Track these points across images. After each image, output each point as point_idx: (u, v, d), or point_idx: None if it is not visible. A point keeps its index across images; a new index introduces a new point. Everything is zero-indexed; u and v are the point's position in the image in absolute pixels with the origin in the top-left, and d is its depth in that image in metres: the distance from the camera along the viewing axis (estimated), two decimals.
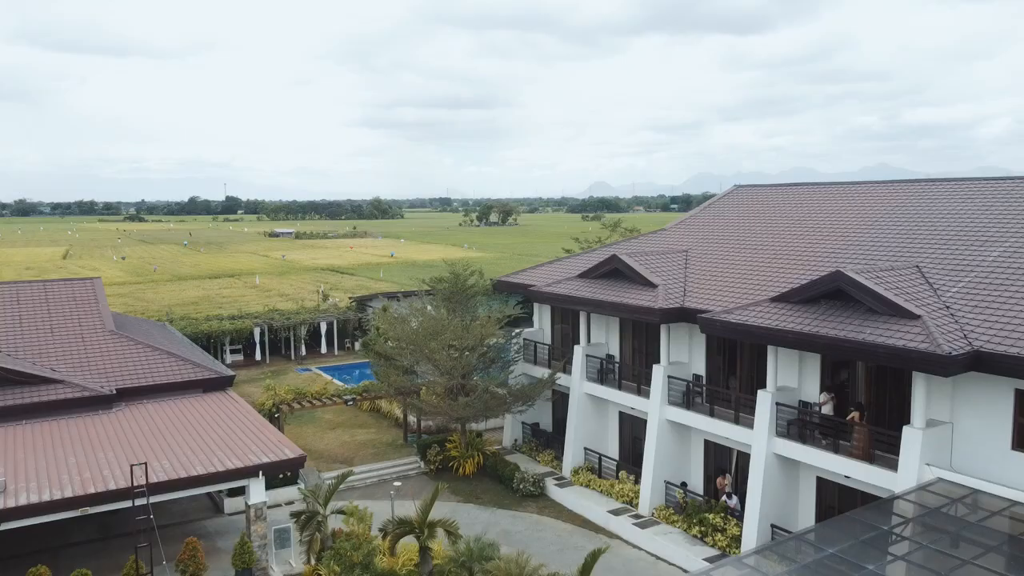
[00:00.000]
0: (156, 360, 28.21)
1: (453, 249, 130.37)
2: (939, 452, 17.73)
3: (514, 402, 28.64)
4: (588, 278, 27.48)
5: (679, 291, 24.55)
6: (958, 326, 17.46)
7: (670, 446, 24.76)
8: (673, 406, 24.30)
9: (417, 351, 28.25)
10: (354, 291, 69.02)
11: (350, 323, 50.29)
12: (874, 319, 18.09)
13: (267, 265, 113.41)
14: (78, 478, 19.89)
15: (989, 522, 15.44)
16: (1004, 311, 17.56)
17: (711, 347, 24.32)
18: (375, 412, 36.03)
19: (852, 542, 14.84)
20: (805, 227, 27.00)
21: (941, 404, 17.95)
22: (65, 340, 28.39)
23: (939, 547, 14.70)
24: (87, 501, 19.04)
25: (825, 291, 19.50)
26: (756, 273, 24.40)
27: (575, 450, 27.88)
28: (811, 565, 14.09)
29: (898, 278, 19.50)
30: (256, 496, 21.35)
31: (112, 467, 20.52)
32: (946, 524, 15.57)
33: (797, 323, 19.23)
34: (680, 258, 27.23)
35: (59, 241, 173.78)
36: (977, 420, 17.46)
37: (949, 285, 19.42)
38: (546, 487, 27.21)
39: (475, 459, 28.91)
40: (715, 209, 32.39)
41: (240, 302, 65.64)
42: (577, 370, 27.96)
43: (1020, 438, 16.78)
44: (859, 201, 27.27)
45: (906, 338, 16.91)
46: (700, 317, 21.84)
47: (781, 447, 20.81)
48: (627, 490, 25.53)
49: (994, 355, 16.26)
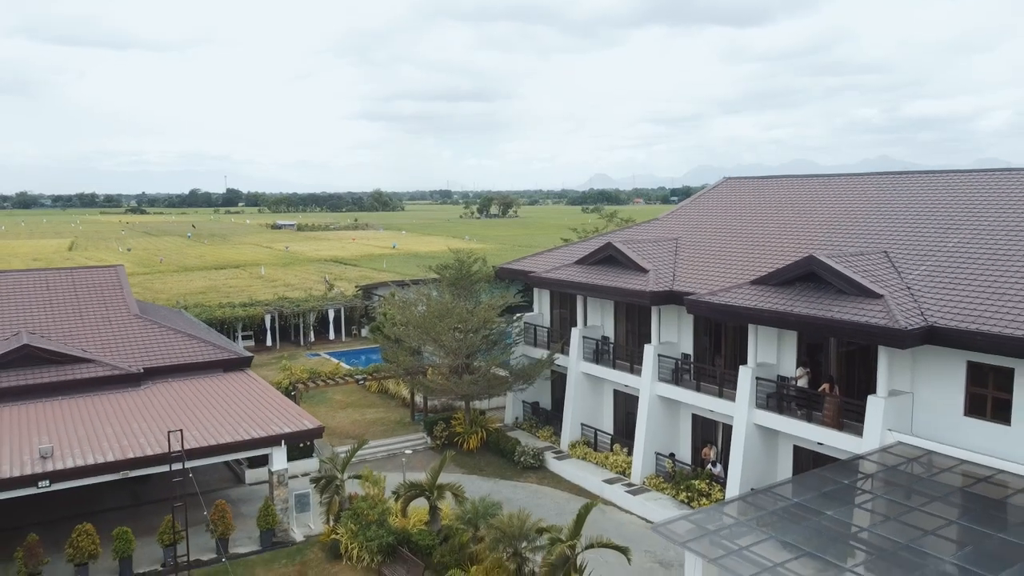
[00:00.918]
0: (179, 342, 30.05)
1: (454, 241, 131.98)
2: (900, 418, 19.61)
3: (515, 381, 30.53)
4: (585, 264, 29.32)
5: (669, 276, 26.40)
6: (916, 304, 19.31)
7: (660, 420, 26.64)
8: (663, 382, 26.19)
9: (424, 333, 30.10)
10: (358, 281, 70.81)
11: (357, 310, 52.19)
12: (842, 299, 19.94)
13: (271, 256, 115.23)
14: (117, 445, 21.77)
15: (939, 477, 17.31)
16: (958, 291, 19.41)
17: (698, 328, 26.18)
18: (383, 393, 37.93)
19: (816, 494, 16.74)
20: (788, 216, 28.83)
21: (903, 376, 19.81)
22: (93, 323, 30.22)
23: (893, 497, 16.61)
24: (127, 465, 20.94)
25: (799, 274, 21.35)
26: (740, 259, 26.24)
27: (572, 425, 29.79)
28: (778, 511, 15.99)
29: (866, 262, 21.34)
30: (278, 463, 23.26)
31: (147, 436, 22.39)
32: (901, 479, 17.46)
33: (773, 303, 21.09)
34: (671, 245, 29.06)
35: (63, 233, 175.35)
36: (934, 390, 19.33)
37: (912, 268, 21.27)
38: (545, 460, 29.10)
39: (479, 435, 30.79)
40: (705, 200, 34.21)
41: (247, 292, 67.45)
42: (574, 351, 29.84)
43: (971, 405, 18.65)
44: (838, 192, 29.09)
45: (869, 315, 18.77)
46: (687, 299, 23.70)
47: (761, 418, 22.69)
48: (620, 461, 27.43)
49: (946, 329, 18.12)
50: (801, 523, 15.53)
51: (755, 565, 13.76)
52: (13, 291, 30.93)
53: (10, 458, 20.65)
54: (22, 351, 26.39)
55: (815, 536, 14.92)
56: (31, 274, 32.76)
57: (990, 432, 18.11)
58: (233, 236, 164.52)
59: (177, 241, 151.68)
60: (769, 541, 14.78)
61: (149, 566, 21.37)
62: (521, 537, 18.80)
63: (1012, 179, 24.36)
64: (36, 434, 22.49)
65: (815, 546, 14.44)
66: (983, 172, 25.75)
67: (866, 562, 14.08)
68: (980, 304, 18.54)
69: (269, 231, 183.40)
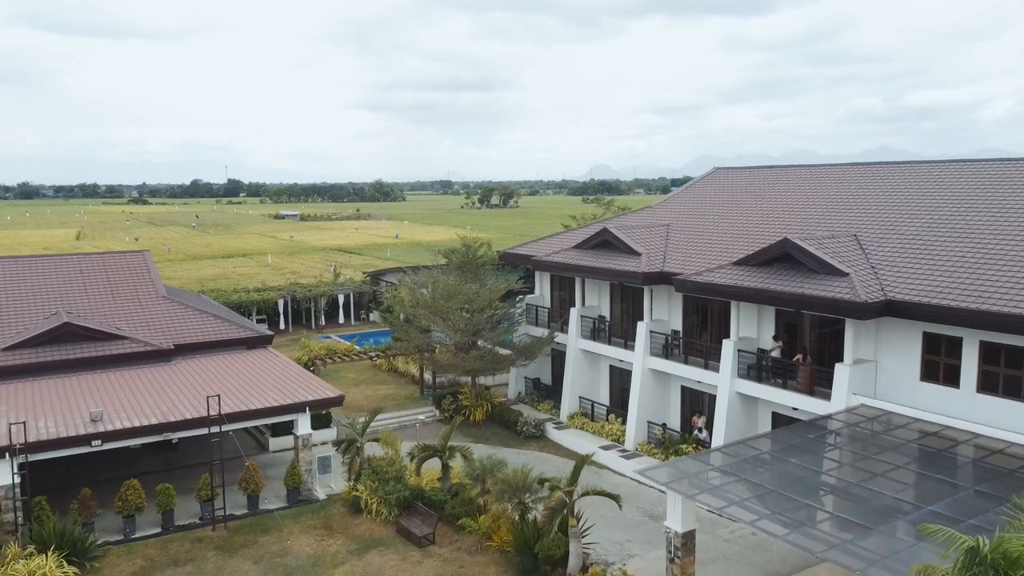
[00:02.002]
0: (204, 321, 32.31)
1: (456, 230, 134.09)
2: (865, 384, 21.87)
3: (518, 358, 32.82)
4: (582, 249, 31.55)
5: (660, 258, 28.62)
6: (878, 281, 21.54)
7: (652, 391, 28.92)
8: (654, 357, 28.46)
9: (433, 313, 32.35)
10: (363, 269, 73.06)
11: (365, 295, 54.46)
12: (813, 277, 22.18)
13: (276, 245, 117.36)
14: (158, 410, 24.07)
15: (894, 432, 19.58)
16: (916, 269, 21.64)
17: (687, 306, 28.42)
18: (393, 372, 40.21)
19: (784, 446, 19.03)
20: (770, 203, 31.03)
21: (867, 346, 22.06)
22: (125, 304, 32.45)
23: (850, 448, 18.90)
24: (169, 427, 23.24)
25: (776, 255, 23.58)
26: (726, 242, 28.44)
27: (571, 398, 32.09)
28: (750, 460, 18.28)
29: (836, 244, 23.57)
30: (303, 428, 25.56)
31: (184, 403, 24.67)
32: (860, 435, 19.74)
33: (752, 281, 23.33)
34: (662, 231, 31.26)
35: (68, 223, 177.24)
36: (895, 358, 21.58)
37: (878, 249, 23.49)
38: (546, 430, 31.41)
39: (484, 408, 33.08)
40: (696, 189, 36.40)
41: (256, 279, 69.63)
42: (573, 329, 32.10)
43: (926, 371, 20.91)
44: (817, 181, 31.30)
45: (835, 291, 21.01)
46: (675, 279, 25.94)
47: (742, 386, 24.97)
48: (615, 430, 29.74)
49: (903, 303, 20.37)
50: (769, 469, 17.83)
51: (724, 500, 16.06)
52: (50, 274, 33.15)
53: (64, 422, 22.94)
54: (62, 329, 28.64)
55: (779, 478, 17.21)
56: (65, 258, 35.00)
57: (941, 394, 20.38)
58: (237, 226, 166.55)
59: (182, 231, 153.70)
60: (740, 483, 17.07)
61: (188, 520, 23.67)
62: (524, 489, 21.11)
63: (970, 169, 26.61)
64: (82, 402, 24.76)
65: (778, 485, 16.73)
66: (946, 163, 27.97)
67: (821, 497, 16.36)
68: (934, 280, 20.77)
69: (273, 221, 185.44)
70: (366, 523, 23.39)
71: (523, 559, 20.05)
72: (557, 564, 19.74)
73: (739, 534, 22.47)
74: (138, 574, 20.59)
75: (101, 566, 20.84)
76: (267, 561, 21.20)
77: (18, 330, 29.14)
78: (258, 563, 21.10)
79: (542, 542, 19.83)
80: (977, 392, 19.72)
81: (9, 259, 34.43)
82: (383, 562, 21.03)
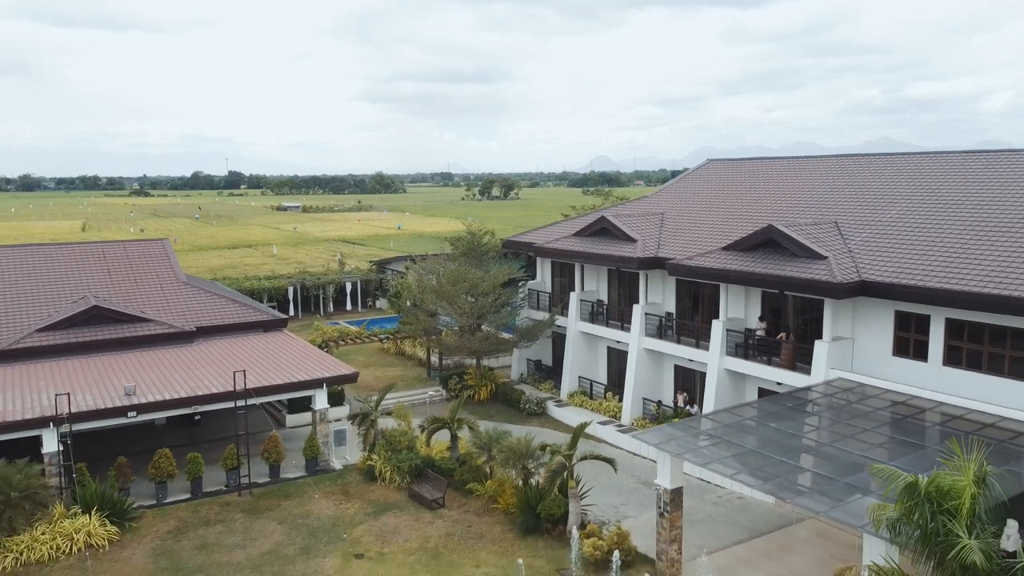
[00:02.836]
0: (223, 305, 34.08)
1: (457, 222, 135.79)
2: (842, 359, 23.66)
3: (520, 340, 34.61)
4: (581, 236, 33.30)
5: (654, 244, 30.37)
6: (854, 264, 23.30)
7: (647, 370, 30.72)
8: (649, 337, 30.23)
9: (440, 297, 34.12)
10: (367, 259, 74.78)
11: (372, 283, 56.27)
12: (795, 260, 23.93)
13: (280, 237, 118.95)
14: (186, 386, 25.87)
15: (866, 402, 21.37)
16: (890, 253, 23.40)
17: (680, 290, 30.18)
18: (400, 355, 42.01)
19: (764, 413, 20.83)
20: (759, 193, 32.76)
21: (844, 324, 23.83)
22: (147, 289, 34.21)
23: (825, 416, 20.70)
24: (198, 401, 25.05)
25: (761, 241, 25.33)
26: (716, 230, 30.17)
27: (571, 378, 33.90)
28: (733, 425, 20.07)
29: (818, 230, 25.31)
30: (320, 403, 27.38)
31: (210, 379, 26.47)
32: (835, 404, 21.54)
33: (739, 265, 25.09)
34: (657, 219, 33.00)
35: (72, 215, 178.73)
36: (869, 335, 23.36)
37: (856, 235, 25.24)
38: (547, 407, 33.23)
39: (488, 388, 34.88)
40: (689, 180, 38.14)
41: (263, 269, 71.31)
42: (573, 312, 33.89)
43: (898, 346, 22.69)
44: (804, 172, 33.04)
45: (814, 272, 22.77)
46: (668, 263, 27.69)
47: (730, 363, 26.76)
48: (612, 407, 31.55)
49: (875, 283, 22.14)
50: (750, 432, 19.64)
51: (707, 458, 17.86)
52: (75, 261, 34.89)
53: (101, 395, 24.74)
54: (92, 312, 30.40)
55: (758, 440, 19.02)
56: (89, 246, 36.74)
57: (911, 367, 22.16)
58: (240, 217, 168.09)
59: (186, 222, 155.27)
60: (723, 444, 18.87)
61: (214, 487, 25.48)
62: (527, 455, 22.94)
63: (945, 160, 28.36)
64: (114, 379, 26.53)
65: (757, 446, 18.53)
66: (922, 154, 29.71)
67: (796, 456, 18.15)
68: (906, 262, 22.53)
69: (275, 213, 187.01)
70: (380, 489, 25.22)
71: (526, 518, 21.87)
72: (557, 522, 21.56)
73: (725, 499, 24.35)
74: (173, 533, 22.41)
75: (138, 526, 22.67)
76: (291, 522, 23.03)
77: (49, 313, 30.91)
78: (283, 523, 22.93)
79: (543, 503, 21.65)
80: (943, 365, 21.49)
81: (36, 247, 36.22)
82: (398, 522, 22.86)
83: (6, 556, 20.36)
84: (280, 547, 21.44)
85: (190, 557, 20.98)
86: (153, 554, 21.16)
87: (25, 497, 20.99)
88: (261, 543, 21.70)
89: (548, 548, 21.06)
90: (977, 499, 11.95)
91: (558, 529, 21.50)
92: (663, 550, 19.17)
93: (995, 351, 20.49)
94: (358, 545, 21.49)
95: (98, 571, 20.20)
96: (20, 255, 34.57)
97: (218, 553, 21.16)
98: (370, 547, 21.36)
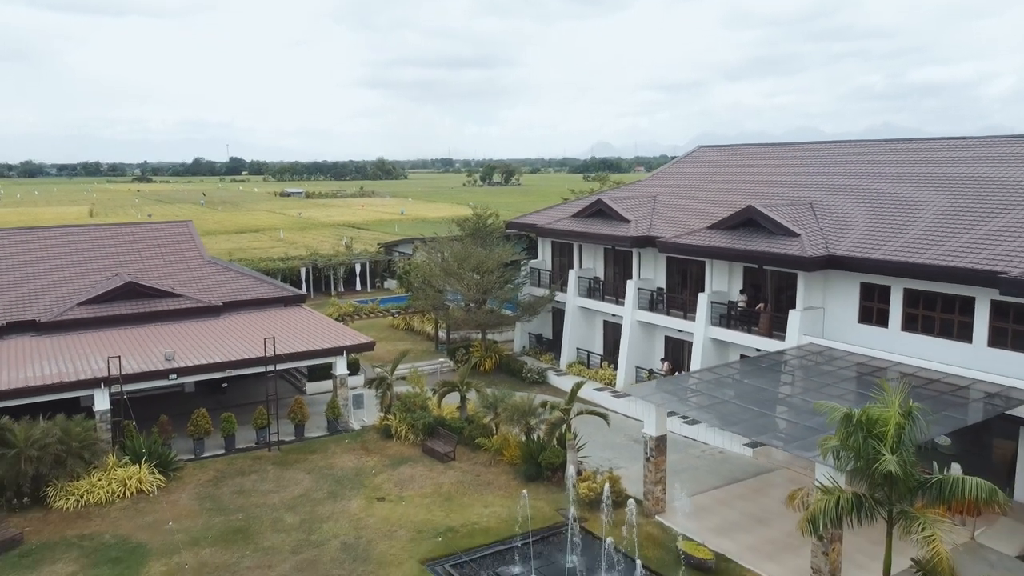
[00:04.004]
0: (245, 282, 36.65)
1: (460, 207, 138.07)
2: (814, 326, 26.23)
3: (522, 314, 37.20)
4: (579, 217, 35.82)
5: (647, 224, 32.89)
6: (824, 240, 25.83)
7: (639, 341, 33.33)
8: (641, 310, 32.82)
9: (448, 275, 36.68)
10: (372, 244, 77.28)
11: (380, 264, 58.86)
12: (771, 237, 26.46)
13: (286, 222, 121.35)
14: (220, 352, 28.47)
15: (832, 363, 23.95)
16: (857, 230, 25.93)
17: (670, 266, 32.72)
18: (410, 330, 44.63)
19: (739, 372, 23.44)
20: (745, 177, 35.24)
21: (816, 295, 26.39)
22: (175, 267, 36.76)
23: (795, 375, 23.30)
24: (232, 365, 27.64)
25: (742, 220, 27.85)
26: (704, 211, 32.67)
27: (569, 349, 36.54)
28: (712, 381, 22.70)
29: (794, 211, 27.82)
30: (341, 369, 29.99)
31: (240, 346, 29.06)
32: (804, 364, 24.13)
33: (722, 242, 27.63)
34: (650, 201, 35.50)
35: (78, 201, 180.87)
36: (838, 304, 25.93)
37: (828, 214, 27.75)
38: (547, 376, 35.87)
39: (492, 359, 37.50)
40: (681, 165, 40.62)
41: (272, 252, 73.81)
42: (571, 289, 36.47)
43: (862, 314, 25.26)
44: (787, 157, 35.49)
45: (787, 248, 25.31)
46: (658, 241, 30.22)
47: (714, 332, 29.35)
48: (607, 375, 34.19)
49: (841, 257, 24.69)
50: (727, 387, 22.26)
51: (688, 407, 20.46)
52: (108, 241, 37.43)
53: (143, 361, 27.34)
54: (127, 287, 32.98)
55: (734, 393, 21.63)
56: (119, 227, 39.29)
57: (874, 333, 24.74)
58: (244, 203, 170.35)
59: (192, 208, 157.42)
60: (702, 396, 21.49)
61: (245, 444, 28.13)
62: (529, 413, 25.59)
63: (913, 147, 30.84)
64: (152, 347, 29.10)
65: (731, 398, 21.15)
66: (893, 141, 32.22)
67: (764, 405, 20.75)
68: (870, 239, 25.07)
69: (278, 198, 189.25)
70: (396, 445, 27.89)
71: (528, 468, 24.53)
72: (556, 470, 24.22)
73: (708, 453, 27.02)
74: (212, 481, 25.09)
75: (181, 476, 25.34)
76: (317, 472, 25.69)
77: (87, 289, 33.47)
78: (310, 473, 25.60)
79: (544, 453, 24.31)
80: (901, 331, 24.09)
81: (71, 228, 38.77)
82: (413, 472, 25.53)
83: (69, 498, 23.05)
84: (310, 492, 24.12)
85: (231, 500, 23.66)
86: (198, 497, 23.84)
87: (84, 447, 23.64)
88: (292, 489, 24.38)
89: (548, 492, 23.72)
90: (903, 428, 14.50)
91: (557, 476, 24.16)
92: (649, 490, 21.84)
93: (945, 317, 23.06)
94: (379, 490, 24.17)
95: (151, 511, 22.89)
96: (57, 236, 37.11)
97: (255, 497, 23.84)
98: (390, 492, 24.04)
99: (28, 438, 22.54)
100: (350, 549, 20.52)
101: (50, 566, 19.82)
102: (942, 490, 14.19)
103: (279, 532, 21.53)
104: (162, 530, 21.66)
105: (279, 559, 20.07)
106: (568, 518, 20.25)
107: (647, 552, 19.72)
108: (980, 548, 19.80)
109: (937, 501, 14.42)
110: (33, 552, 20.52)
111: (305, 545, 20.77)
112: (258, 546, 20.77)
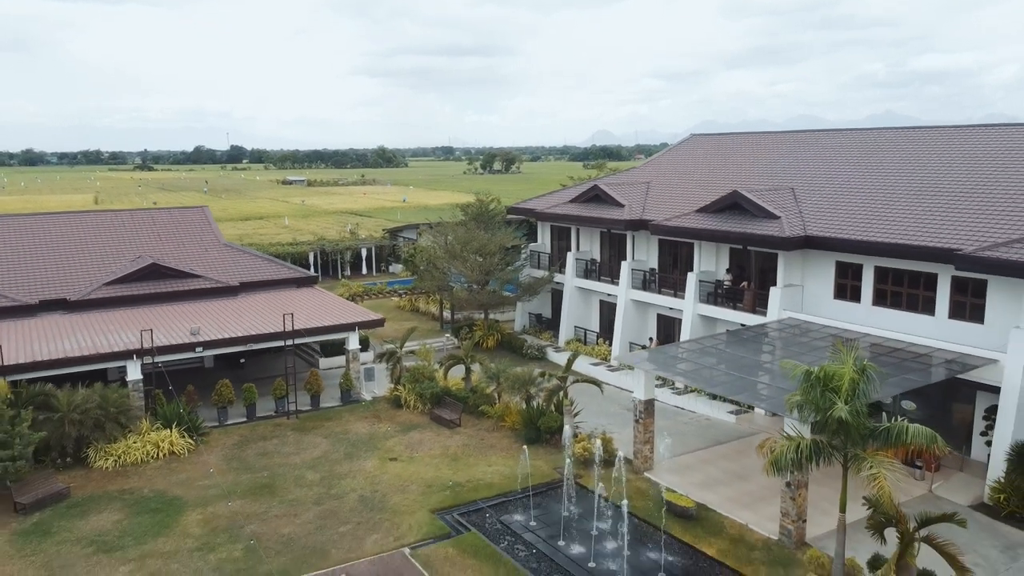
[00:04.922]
0: (260, 264, 38.69)
1: (461, 195, 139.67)
2: (793, 302, 28.29)
3: (523, 294, 39.25)
4: (577, 202, 37.81)
5: (640, 208, 34.89)
6: (802, 222, 27.85)
7: (633, 318, 35.40)
8: (635, 290, 34.88)
9: (452, 257, 38.70)
10: (376, 230, 79.18)
11: (385, 249, 60.89)
12: (754, 220, 28.47)
13: (289, 209, 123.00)
14: (240, 327, 30.53)
15: (808, 335, 26.02)
16: (833, 213, 27.94)
17: (661, 248, 34.75)
18: (415, 311, 46.70)
19: (722, 343, 25.51)
20: (734, 164, 37.20)
21: (795, 273, 28.43)
22: (194, 250, 38.80)
23: (774, 344, 25.38)
24: (253, 339, 29.71)
25: (727, 204, 29.86)
26: (694, 195, 34.66)
27: (567, 327, 38.62)
28: (697, 350, 24.79)
29: (775, 195, 29.82)
30: (353, 344, 32.08)
31: (259, 322, 31.13)
32: (783, 336, 26.21)
33: (708, 224, 29.64)
34: (643, 187, 37.48)
35: (82, 189, 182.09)
36: (816, 282, 27.97)
37: (807, 198, 29.76)
38: (546, 353, 37.97)
39: (494, 337, 39.58)
40: (674, 152, 42.56)
41: (279, 238, 75.67)
42: (569, 270, 38.51)
43: (837, 291, 27.32)
44: (775, 145, 37.45)
45: (768, 229, 27.33)
46: (651, 224, 32.24)
47: (702, 309, 31.42)
48: (603, 351, 36.29)
49: (817, 237, 26.71)
50: (711, 355, 24.35)
51: (675, 372, 22.54)
52: (130, 225, 39.45)
53: (171, 335, 29.42)
54: (150, 268, 35.02)
55: (716, 360, 23.72)
56: (140, 212, 41.33)
57: (847, 308, 26.81)
58: (247, 191, 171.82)
59: (196, 196, 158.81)
60: (686, 363, 23.58)
61: (265, 413, 30.25)
62: (529, 382, 27.70)
63: (886, 136, 32.85)
64: (177, 323, 31.16)
65: (714, 363, 23.24)
66: (872, 131, 34.23)
67: (743, 370, 22.85)
68: (845, 220, 27.09)
69: (281, 187, 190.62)
70: (406, 414, 30.02)
71: (528, 431, 26.65)
72: (554, 434, 26.34)
73: (695, 420, 29.15)
74: (237, 444, 27.24)
75: (208, 440, 27.48)
76: (334, 437, 27.83)
77: (112, 270, 35.51)
78: (327, 438, 27.74)
79: (542, 419, 26.43)
80: (872, 305, 26.15)
81: (95, 213, 40.79)
82: (422, 437, 27.67)
83: (108, 458, 25.20)
84: (328, 454, 26.27)
85: (255, 460, 25.82)
86: (225, 458, 25.99)
87: (120, 412, 25.77)
88: (312, 451, 26.53)
89: (547, 453, 25.85)
90: (856, 383, 16.54)
91: (555, 439, 26.28)
92: (638, 450, 23.97)
93: (911, 292, 25.11)
94: (391, 452, 26.31)
95: (183, 470, 25.04)
96: (82, 221, 39.13)
97: (278, 457, 26.00)
98: (401, 453, 26.18)
99: (71, 403, 24.68)
100: (367, 501, 22.67)
101: (97, 514, 21.99)
102: (889, 436, 16.25)
103: (302, 487, 23.69)
104: (196, 485, 23.81)
105: (303, 509, 22.23)
106: (564, 475, 22.38)
107: (635, 503, 21.86)
108: (936, 499, 21.96)
109: (885, 446, 16.49)
110: (80, 504, 22.69)
111: (326, 498, 22.93)
112: (283, 499, 22.93)
